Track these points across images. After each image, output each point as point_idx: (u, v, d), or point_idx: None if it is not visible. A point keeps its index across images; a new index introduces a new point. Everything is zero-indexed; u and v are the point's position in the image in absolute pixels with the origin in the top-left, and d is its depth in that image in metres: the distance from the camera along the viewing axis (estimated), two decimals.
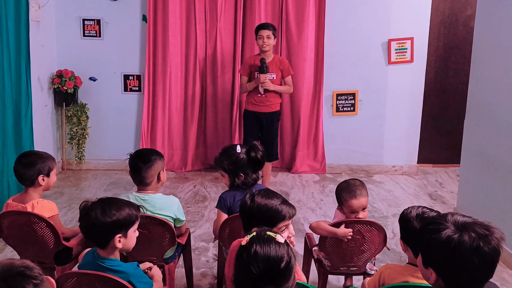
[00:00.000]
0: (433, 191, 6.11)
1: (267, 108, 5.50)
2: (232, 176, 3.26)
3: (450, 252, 1.73)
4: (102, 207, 2.34)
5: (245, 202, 2.44)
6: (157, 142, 6.50)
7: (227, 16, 6.29)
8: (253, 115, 5.54)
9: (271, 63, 5.41)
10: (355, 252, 3.17)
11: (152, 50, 6.33)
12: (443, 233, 1.75)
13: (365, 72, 6.48)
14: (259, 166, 3.31)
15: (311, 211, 5.29)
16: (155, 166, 3.17)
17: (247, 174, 3.23)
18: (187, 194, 5.73)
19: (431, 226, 1.82)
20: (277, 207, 2.40)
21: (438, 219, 1.83)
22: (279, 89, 5.51)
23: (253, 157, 3.23)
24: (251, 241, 1.81)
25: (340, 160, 6.68)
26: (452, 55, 6.82)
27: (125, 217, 2.36)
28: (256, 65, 5.41)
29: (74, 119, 6.32)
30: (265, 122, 5.53)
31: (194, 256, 4.04)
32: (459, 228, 1.75)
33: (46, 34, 5.99)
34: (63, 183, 5.97)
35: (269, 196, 2.44)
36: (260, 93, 5.43)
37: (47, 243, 3.03)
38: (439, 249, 1.76)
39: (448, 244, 1.73)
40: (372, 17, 6.36)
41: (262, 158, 3.28)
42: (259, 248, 1.76)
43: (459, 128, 5.25)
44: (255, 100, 5.49)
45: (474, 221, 1.78)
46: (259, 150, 3.28)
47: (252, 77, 5.51)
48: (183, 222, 3.31)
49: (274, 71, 5.45)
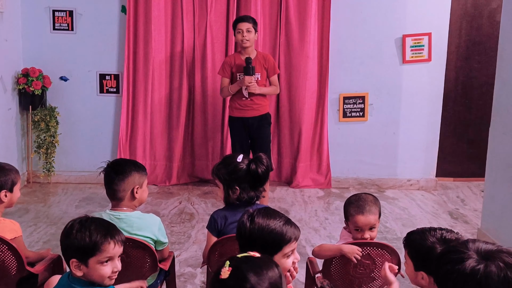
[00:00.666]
0: (454, 208, 6.11)
1: (254, 112, 5.51)
2: (226, 188, 3.21)
3: (476, 285, 1.72)
4: (69, 226, 2.43)
5: (243, 224, 2.37)
6: (138, 152, 6.49)
7: (219, 7, 6.31)
8: (240, 121, 5.55)
9: (254, 60, 5.42)
10: (364, 280, 3.16)
11: (132, 46, 6.34)
12: (467, 264, 1.74)
13: (376, 72, 6.50)
14: (259, 182, 3.20)
15: (314, 231, 5.29)
16: (130, 179, 3.13)
17: (244, 189, 3.16)
18: (171, 211, 5.71)
19: (452, 256, 1.80)
20: (281, 229, 2.36)
21: (458, 247, 1.82)
22: (265, 91, 5.54)
23: (252, 169, 3.14)
24: (237, 269, 1.76)
25: (347, 173, 6.68)
26: (476, 53, 6.85)
27: (78, 244, 2.35)
28: (238, 65, 5.44)
29: (42, 124, 6.30)
30: (253, 127, 5.53)
31: (179, 283, 4.02)
32: (484, 257, 1.75)
33: (10, 27, 5.99)
34: (29, 199, 5.94)
35: (270, 216, 2.40)
36: (245, 97, 5.44)
37: (8, 269, 2.99)
38: (464, 282, 1.74)
39: (474, 276, 1.72)
40: (384, 10, 6.39)
41: (263, 173, 3.17)
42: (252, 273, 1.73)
43: (484, 137, 5.26)
44: (240, 105, 5.50)
45: (499, 249, 1.78)
46: (262, 164, 3.18)
47: (234, 79, 5.51)
48: (165, 244, 3.28)
49: (258, 70, 5.47)
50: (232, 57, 5.63)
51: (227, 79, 5.57)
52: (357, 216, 3.12)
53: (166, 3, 6.28)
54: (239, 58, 5.47)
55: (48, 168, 6.42)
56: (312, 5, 6.26)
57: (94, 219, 2.46)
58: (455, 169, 7.06)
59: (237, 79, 5.47)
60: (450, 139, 6.95)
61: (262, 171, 3.16)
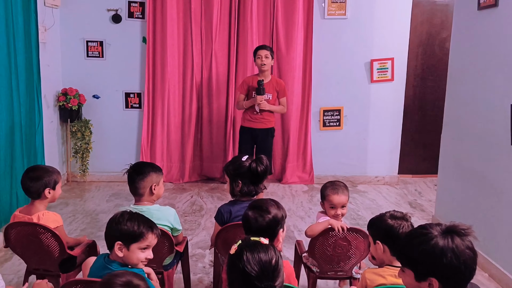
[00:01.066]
0: (412, 199, 6.12)
1: (262, 125, 5.50)
2: (231, 182, 3.22)
3: (452, 254, 1.74)
4: (119, 215, 2.40)
5: (247, 217, 2.46)
6: (157, 156, 6.48)
7: (222, 37, 6.31)
8: (249, 131, 5.54)
9: (268, 83, 5.42)
10: (342, 258, 3.16)
11: (151, 69, 6.33)
12: (434, 241, 1.76)
13: (349, 89, 6.51)
14: (258, 179, 3.18)
15: (300, 219, 5.28)
16: (149, 178, 3.12)
17: (245, 183, 3.15)
18: (184, 204, 5.70)
19: (420, 238, 1.81)
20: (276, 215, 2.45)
21: (421, 230, 1.83)
22: (274, 109, 5.52)
23: (253, 168, 3.13)
24: (240, 249, 1.82)
25: (327, 172, 6.68)
26: (429, 74, 6.87)
27: (126, 230, 2.35)
28: (254, 86, 5.42)
29: (78, 134, 6.30)
30: (259, 138, 5.53)
31: (192, 262, 4.01)
32: (445, 232, 1.78)
33: (52, 54, 5.98)
34: (68, 195, 5.93)
35: (261, 209, 2.45)
36: (256, 112, 5.44)
37: (52, 252, 3.00)
38: (440, 255, 1.75)
39: (445, 248, 1.74)
40: (356, 39, 6.40)
41: (262, 172, 3.16)
42: (249, 254, 1.80)
43: (437, 141, 5.27)
44: (251, 117, 5.49)
45: (452, 224, 1.80)
46: (262, 164, 3.17)
47: (250, 96, 5.51)
48: (179, 231, 3.28)
49: (271, 91, 5.45)
50: (250, 78, 5.60)
51: (243, 95, 5.55)
52: (333, 196, 3.22)
53: (178, 34, 6.28)
54: (256, 79, 5.44)
55: (84, 170, 6.41)
56: (298, 35, 6.27)
57: (139, 214, 2.48)
58: (413, 167, 7.07)
59: (252, 96, 5.46)
60: (409, 143, 6.97)
61: (261, 169, 3.15)
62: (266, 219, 2.41)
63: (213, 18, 6.21)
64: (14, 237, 3.03)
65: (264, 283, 1.76)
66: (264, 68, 5.38)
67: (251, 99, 5.45)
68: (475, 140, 4.35)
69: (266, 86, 5.40)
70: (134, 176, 3.13)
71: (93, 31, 6.27)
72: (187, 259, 3.59)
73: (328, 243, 3.11)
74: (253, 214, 2.42)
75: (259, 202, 2.52)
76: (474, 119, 4.38)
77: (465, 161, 4.55)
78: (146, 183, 3.12)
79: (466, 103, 4.54)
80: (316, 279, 3.28)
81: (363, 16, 6.37)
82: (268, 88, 5.42)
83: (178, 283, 3.70)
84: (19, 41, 4.90)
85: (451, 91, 4.88)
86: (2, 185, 4.60)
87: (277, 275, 1.81)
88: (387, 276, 2.38)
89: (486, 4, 4.15)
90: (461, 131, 4.63)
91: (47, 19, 5.76)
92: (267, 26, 6.32)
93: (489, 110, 4.11)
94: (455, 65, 4.80)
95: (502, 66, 3.94)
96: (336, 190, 3.25)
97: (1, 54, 4.57)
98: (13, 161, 4.79)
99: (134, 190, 3.15)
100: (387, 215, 2.49)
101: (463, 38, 4.63)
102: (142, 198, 3.15)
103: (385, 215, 2.49)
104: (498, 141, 3.95)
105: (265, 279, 1.77)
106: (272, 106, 5.48)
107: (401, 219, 2.44)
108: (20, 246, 3.07)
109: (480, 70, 4.28)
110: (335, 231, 3.06)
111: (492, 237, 3.99)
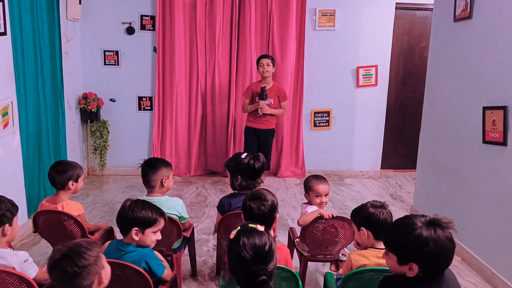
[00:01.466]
0: (393, 191, 6.14)
1: (264, 126, 5.52)
2: (232, 176, 3.24)
3: (434, 244, 1.76)
4: (131, 204, 2.41)
5: (246, 206, 2.49)
6: (166, 152, 6.50)
7: (224, 47, 6.32)
8: (253, 130, 5.55)
9: (270, 89, 5.43)
10: (330, 243, 3.19)
11: (161, 76, 6.34)
12: (419, 231, 1.78)
13: (337, 93, 6.52)
14: (255, 174, 3.20)
15: (293, 208, 5.31)
16: (160, 172, 3.15)
17: (244, 178, 3.18)
18: (191, 195, 5.72)
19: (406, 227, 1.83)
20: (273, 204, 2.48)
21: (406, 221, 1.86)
22: (275, 112, 5.53)
23: (251, 164, 3.15)
24: (238, 235, 1.84)
25: (317, 167, 6.69)
26: (409, 79, 6.88)
27: (142, 217, 2.38)
28: (257, 91, 5.43)
29: (97, 133, 6.32)
30: (262, 137, 5.54)
31: (197, 246, 4.05)
32: (428, 223, 1.79)
33: (73, 63, 6.00)
34: (89, 186, 5.95)
35: (260, 199, 2.47)
36: (259, 114, 5.46)
37: (75, 237, 3.03)
38: (423, 244, 1.76)
39: (428, 238, 1.76)
40: (343, 48, 6.42)
41: (259, 168, 3.17)
42: (246, 239, 1.80)
43: (415, 140, 5.30)
44: (254, 119, 5.51)
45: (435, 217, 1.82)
46: (259, 161, 3.18)
47: (254, 100, 5.53)
48: (186, 219, 3.32)
49: (272, 96, 5.46)
50: (254, 84, 5.60)
51: (247, 99, 5.56)
52: (318, 186, 3.27)
53: (185, 44, 6.29)
54: (259, 85, 5.45)
55: (102, 164, 6.43)
56: (291, 45, 6.29)
57: (149, 202, 2.50)
58: (394, 163, 7.09)
59: (255, 101, 5.46)
60: (391, 141, 6.98)
61: (258, 166, 3.18)
62: (267, 207, 2.45)
63: (216, 30, 6.22)
64: (41, 223, 3.06)
65: (257, 266, 1.76)
66: (266, 75, 5.39)
67: (254, 104, 5.46)
68: (450, 139, 4.38)
69: (268, 92, 5.41)
70: (147, 170, 3.16)
71: (110, 42, 6.29)
72: (193, 243, 3.62)
73: (317, 230, 3.14)
74: (255, 204, 2.44)
75: (256, 193, 2.54)
76: (449, 120, 4.41)
77: (440, 157, 4.57)
78: (157, 176, 3.15)
79: (442, 106, 4.57)
80: (307, 262, 3.31)
81: (350, 27, 6.38)
82: (270, 93, 5.44)
83: (185, 264, 3.73)
84: (45, 51, 4.93)
85: (429, 95, 4.91)
86: (31, 178, 4.64)
87: (270, 260, 1.81)
88: (370, 257, 2.41)
89: (461, 16, 4.17)
90: (437, 131, 4.66)
91: (69, 31, 5.78)
92: (264, 37, 6.32)
93: (463, 112, 4.14)
94: (433, 72, 4.82)
95: (475, 73, 3.97)
96: (320, 181, 3.30)
97: (30, 63, 4.60)
98: (40, 157, 4.82)
99: (146, 182, 3.18)
100: (368, 204, 2.54)
101: (440, 47, 4.65)
102: (154, 190, 3.18)
103: (366, 205, 2.54)
104: (471, 140, 3.98)
105: (258, 263, 1.76)
106: (273, 110, 5.49)
107: (380, 207, 2.49)
108: (47, 231, 3.10)
109: (455, 76, 4.30)
110: (324, 219, 3.09)
111: (464, 225, 4.02)
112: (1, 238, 2.35)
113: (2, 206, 2.34)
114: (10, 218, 2.36)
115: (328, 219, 3.10)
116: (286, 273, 2.32)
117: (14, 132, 4.22)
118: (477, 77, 3.92)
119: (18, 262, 2.28)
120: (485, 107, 3.74)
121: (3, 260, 2.29)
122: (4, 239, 2.37)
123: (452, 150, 4.32)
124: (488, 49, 3.77)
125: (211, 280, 3.63)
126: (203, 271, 3.76)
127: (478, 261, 3.83)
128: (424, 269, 1.79)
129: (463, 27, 4.18)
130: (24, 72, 4.49)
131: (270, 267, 1.80)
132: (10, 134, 4.16)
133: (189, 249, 3.61)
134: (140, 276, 2.27)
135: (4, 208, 2.34)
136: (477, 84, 3.91)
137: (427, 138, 4.90)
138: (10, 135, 4.17)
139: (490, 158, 3.71)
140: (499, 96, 3.59)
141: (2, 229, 2.34)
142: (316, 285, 3.58)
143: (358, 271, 2.33)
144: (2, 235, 2.35)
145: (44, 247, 3.99)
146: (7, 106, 4.05)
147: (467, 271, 3.89)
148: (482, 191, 3.81)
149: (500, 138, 3.55)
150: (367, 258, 2.40)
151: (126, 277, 2.28)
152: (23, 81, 4.47)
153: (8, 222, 2.36)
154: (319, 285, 3.57)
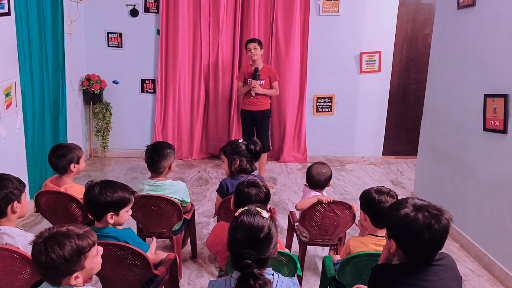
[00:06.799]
0: (394, 178, 6.16)
1: (258, 107, 5.51)
2: (229, 160, 3.29)
3: (406, 226, 1.77)
4: (101, 188, 2.34)
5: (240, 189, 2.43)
6: (168, 135, 6.51)
7: (227, 31, 6.30)
8: (248, 113, 5.55)
9: (261, 71, 5.42)
10: (329, 227, 3.21)
11: (164, 58, 6.32)
12: (402, 212, 1.79)
13: (340, 79, 6.50)
14: (254, 157, 3.32)
15: (294, 193, 5.33)
16: (168, 158, 3.18)
17: (242, 161, 3.26)
18: (192, 178, 5.75)
19: (395, 206, 1.86)
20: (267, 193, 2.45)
21: (401, 201, 1.87)
22: (267, 92, 5.52)
23: (250, 148, 3.29)
24: (241, 213, 1.85)
25: (319, 152, 6.71)
26: (413, 66, 6.85)
27: (117, 199, 2.34)
28: (249, 73, 5.42)
29: (99, 115, 6.33)
30: (258, 119, 5.55)
31: (198, 229, 4.08)
32: (416, 208, 1.79)
33: (77, 44, 5.99)
34: (91, 168, 5.98)
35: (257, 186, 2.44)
36: (252, 95, 5.46)
37: (78, 218, 3.05)
38: (398, 223, 1.79)
39: (405, 220, 1.77)
40: (347, 34, 6.38)
41: (259, 150, 3.33)
42: (245, 218, 1.80)
43: (417, 127, 5.29)
44: (248, 101, 5.50)
45: (429, 204, 1.81)
46: (257, 144, 3.34)
47: (247, 83, 5.53)
48: (188, 202, 3.35)
49: (264, 77, 5.46)
50: (245, 67, 5.58)
51: (241, 82, 5.56)
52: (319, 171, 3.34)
53: (189, 28, 6.27)
54: (250, 68, 5.43)
55: (104, 146, 6.45)
56: (295, 30, 6.25)
57: (114, 182, 2.42)
58: (396, 149, 7.09)
59: (248, 83, 5.47)
60: (393, 128, 6.98)
61: (258, 148, 3.34)
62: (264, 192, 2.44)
63: (220, 13, 6.19)
64: (44, 203, 3.08)
65: (246, 249, 1.72)
66: (255, 58, 5.37)
67: (247, 85, 5.46)
68: (451, 125, 4.38)
69: (260, 73, 5.41)
70: (156, 158, 3.14)
71: (113, 24, 6.26)
72: (194, 226, 3.65)
73: (317, 214, 3.16)
74: (254, 191, 2.42)
75: (252, 181, 2.50)
76: (451, 107, 4.40)
77: (441, 144, 4.58)
78: (166, 163, 3.18)
79: (444, 92, 4.55)
80: (306, 246, 3.34)
81: (354, 13, 6.33)
82: (261, 74, 5.43)
83: (185, 247, 3.76)
84: (48, 32, 4.91)
85: (431, 82, 4.89)
86: (35, 158, 4.66)
87: (262, 247, 1.76)
88: (368, 244, 2.42)
89: (465, 3, 4.15)
90: (439, 118, 4.65)
91: (73, 13, 5.75)
92: (268, 22, 6.29)
93: (464, 99, 4.13)
94: (436, 59, 4.80)
95: (477, 60, 3.95)
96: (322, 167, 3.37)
97: (35, 43, 4.60)
98: (43, 137, 4.84)
99: (155, 169, 3.18)
100: (374, 188, 2.48)
101: (444, 34, 4.62)
102: (159, 175, 3.20)
103: (372, 189, 2.48)
104: (472, 127, 3.98)
105: (248, 246, 1.73)
106: (265, 89, 5.49)
107: (386, 194, 2.41)
108: (49, 212, 3.12)
109: (458, 64, 4.28)
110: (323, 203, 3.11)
111: (463, 212, 4.04)
112: (12, 215, 2.37)
113: (9, 184, 2.35)
114: (18, 195, 2.37)
115: (328, 204, 3.12)
116: (285, 257, 2.34)
117: (17, 112, 4.23)
118: (479, 65, 3.91)
119: (24, 244, 2.29)
120: (486, 94, 3.73)
121: (11, 239, 2.30)
122: (15, 215, 2.39)
123: (452, 137, 4.32)
124: (491, 37, 3.75)
125: (211, 263, 3.66)
126: (203, 253, 3.79)
127: (476, 247, 3.86)
128: (405, 252, 1.82)
129: (467, 14, 4.15)
130: (30, 52, 4.49)
131: (263, 255, 1.75)
132: (13, 115, 4.17)
133: (189, 231, 3.64)
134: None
135: (11, 186, 2.36)
136: (479, 71, 3.89)
137: (428, 125, 4.90)
138: (13, 116, 4.18)
139: (490, 145, 3.71)
140: (501, 84, 3.58)
141: (11, 207, 2.35)
142: (315, 269, 3.61)
143: (356, 255, 2.35)
144: (12, 212, 2.36)
145: (46, 227, 4.01)
146: (10, 87, 4.06)
147: (465, 257, 3.92)
148: (482, 179, 3.82)
149: (500, 126, 3.55)
150: (366, 245, 2.41)
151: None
152: (29, 61, 4.47)
153: (17, 199, 2.37)
154: (317, 269, 3.60)
